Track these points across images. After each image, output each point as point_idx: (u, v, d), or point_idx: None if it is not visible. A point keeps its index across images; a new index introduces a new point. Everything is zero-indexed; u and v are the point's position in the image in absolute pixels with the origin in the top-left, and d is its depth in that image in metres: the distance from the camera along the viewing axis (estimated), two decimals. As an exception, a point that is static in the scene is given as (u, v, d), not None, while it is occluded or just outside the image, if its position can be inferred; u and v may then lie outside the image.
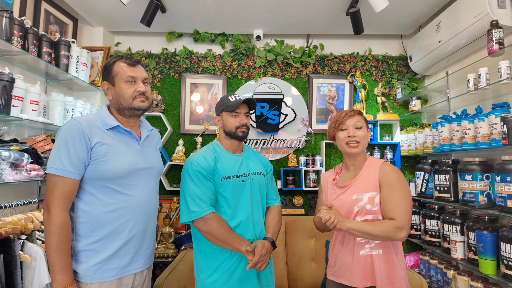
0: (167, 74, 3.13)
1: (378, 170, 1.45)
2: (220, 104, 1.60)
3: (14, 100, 1.85)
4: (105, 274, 1.24)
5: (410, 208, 1.39)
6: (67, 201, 1.20)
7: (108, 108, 1.39)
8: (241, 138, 1.57)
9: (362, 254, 1.41)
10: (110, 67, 1.35)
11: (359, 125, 1.49)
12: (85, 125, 1.25)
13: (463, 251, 2.12)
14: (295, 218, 2.64)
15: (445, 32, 2.42)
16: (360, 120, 1.50)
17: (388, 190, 1.39)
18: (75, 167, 1.20)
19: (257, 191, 1.58)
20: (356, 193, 1.44)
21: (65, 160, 1.19)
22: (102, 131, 1.29)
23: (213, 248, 1.47)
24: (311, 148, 3.11)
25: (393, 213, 1.36)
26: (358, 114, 1.52)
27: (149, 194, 1.38)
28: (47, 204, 1.19)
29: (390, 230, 1.33)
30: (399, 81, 3.10)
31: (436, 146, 2.50)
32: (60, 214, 1.18)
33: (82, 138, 1.22)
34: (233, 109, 1.54)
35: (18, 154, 1.81)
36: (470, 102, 2.37)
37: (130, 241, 1.30)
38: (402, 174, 1.45)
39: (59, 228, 1.16)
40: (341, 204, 1.46)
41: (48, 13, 2.48)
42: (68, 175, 1.19)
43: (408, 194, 1.40)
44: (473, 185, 2.04)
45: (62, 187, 1.19)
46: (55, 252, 1.16)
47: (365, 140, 1.49)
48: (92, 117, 1.32)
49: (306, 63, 3.15)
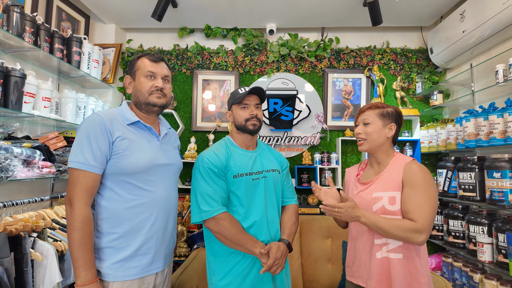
0: (178, 71, 3.09)
1: (403, 168, 1.33)
2: (230, 98, 1.54)
3: (26, 97, 1.84)
4: (127, 273, 1.22)
5: (434, 212, 1.26)
6: (90, 195, 1.19)
7: (128, 105, 1.39)
8: (252, 131, 1.48)
9: (379, 257, 1.32)
10: (134, 62, 1.36)
11: (367, 121, 1.40)
12: (107, 119, 1.24)
13: (491, 254, 1.99)
14: (310, 217, 2.55)
15: (470, 22, 2.28)
16: (370, 115, 1.40)
17: (411, 189, 1.28)
18: (98, 161, 1.19)
19: (271, 190, 1.50)
20: (377, 191, 1.35)
21: (87, 154, 1.18)
22: (123, 126, 1.28)
23: (225, 250, 1.41)
24: (326, 145, 3.01)
25: (414, 214, 1.24)
26: (370, 109, 1.41)
27: (169, 191, 1.36)
28: (69, 199, 1.17)
29: (408, 231, 1.23)
30: (419, 75, 2.97)
31: (460, 142, 2.37)
32: (83, 208, 1.16)
33: (104, 132, 1.21)
34: (241, 100, 1.46)
35: (30, 151, 1.80)
36: (498, 95, 2.23)
37: (151, 238, 1.27)
38: (430, 174, 1.32)
39: (82, 223, 1.14)
40: (361, 202, 1.38)
41: (60, 10, 2.48)
42: (91, 169, 1.18)
43: (434, 196, 1.28)
44: (502, 183, 1.91)
45: (85, 181, 1.17)
46: (79, 248, 1.14)
47: (373, 136, 1.38)
48: (113, 112, 1.32)
49: (321, 57, 3.05)
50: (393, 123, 1.40)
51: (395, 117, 1.41)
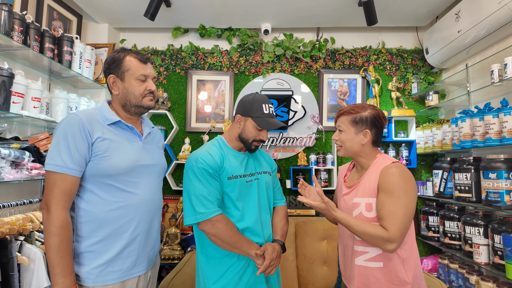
0: (173, 71, 3.05)
1: (379, 173, 1.25)
2: (250, 107, 1.42)
3: (14, 97, 1.80)
4: (107, 277, 1.19)
5: (408, 221, 1.18)
6: (68, 199, 1.14)
7: (108, 104, 1.34)
8: (252, 150, 1.47)
9: (357, 264, 1.28)
10: (120, 61, 1.28)
11: (341, 128, 1.36)
12: (86, 119, 1.20)
13: (487, 255, 1.97)
14: (305, 219, 2.53)
15: (465, 22, 2.27)
16: (343, 122, 1.35)
17: (384, 195, 1.20)
18: (76, 163, 1.15)
19: (264, 192, 1.48)
20: (357, 197, 1.30)
21: (65, 156, 1.13)
22: (103, 126, 1.24)
23: (219, 252, 1.37)
24: (322, 146, 2.99)
25: (385, 222, 1.18)
26: (343, 115, 1.36)
27: (152, 192, 1.32)
28: (46, 203, 1.13)
29: (378, 239, 1.16)
30: (414, 75, 2.96)
31: (456, 142, 2.35)
32: (61, 213, 1.12)
33: (82, 133, 1.17)
34: (264, 127, 1.41)
35: (19, 152, 1.76)
36: (494, 95, 2.22)
37: (134, 241, 1.24)
38: (408, 179, 1.22)
39: (59, 228, 1.10)
40: (344, 206, 1.35)
41: (51, 9, 2.44)
42: (69, 172, 1.14)
43: (409, 204, 1.19)
44: (498, 184, 1.89)
45: (62, 184, 1.13)
46: (56, 254, 1.09)
47: (347, 144, 1.33)
48: (92, 112, 1.27)
49: (316, 58, 3.03)
50: (367, 129, 1.31)
51: (371, 122, 1.31)
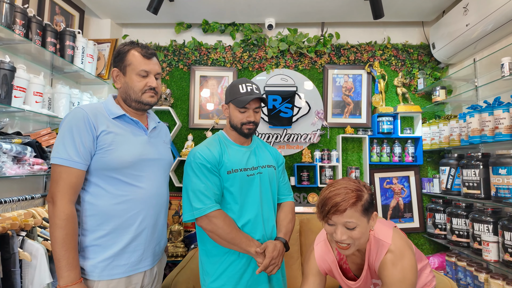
0: (175, 67, 3.02)
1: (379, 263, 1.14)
2: (229, 92, 1.44)
3: (16, 91, 1.77)
4: (113, 271, 1.17)
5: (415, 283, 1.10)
6: (73, 192, 1.14)
7: (114, 98, 1.33)
8: (246, 135, 1.42)
9: None
10: (123, 54, 1.27)
11: (351, 226, 1.06)
12: (91, 113, 1.19)
13: (497, 253, 1.94)
14: (310, 216, 2.49)
15: (473, 15, 2.23)
16: (353, 216, 1.06)
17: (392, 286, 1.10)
18: (81, 156, 1.14)
19: (267, 186, 1.44)
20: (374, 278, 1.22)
21: (70, 149, 1.13)
22: (108, 120, 1.23)
23: (219, 249, 1.34)
24: (326, 143, 2.95)
25: None
26: (351, 207, 1.05)
27: (159, 186, 1.31)
28: (52, 196, 1.12)
29: None
30: (420, 71, 2.91)
31: (463, 138, 2.31)
32: (66, 206, 1.11)
33: (87, 127, 1.16)
34: (241, 106, 1.38)
35: (21, 147, 1.73)
36: (503, 89, 2.17)
37: (140, 236, 1.23)
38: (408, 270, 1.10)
39: (65, 221, 1.09)
40: None
41: (53, 4, 2.41)
42: (74, 165, 1.13)
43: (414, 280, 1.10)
44: (509, 180, 1.85)
45: (68, 178, 1.12)
46: (62, 247, 1.09)
47: (362, 240, 1.12)
48: (97, 106, 1.27)
49: (321, 53, 2.99)
50: (375, 211, 1.15)
51: (373, 200, 1.14)
